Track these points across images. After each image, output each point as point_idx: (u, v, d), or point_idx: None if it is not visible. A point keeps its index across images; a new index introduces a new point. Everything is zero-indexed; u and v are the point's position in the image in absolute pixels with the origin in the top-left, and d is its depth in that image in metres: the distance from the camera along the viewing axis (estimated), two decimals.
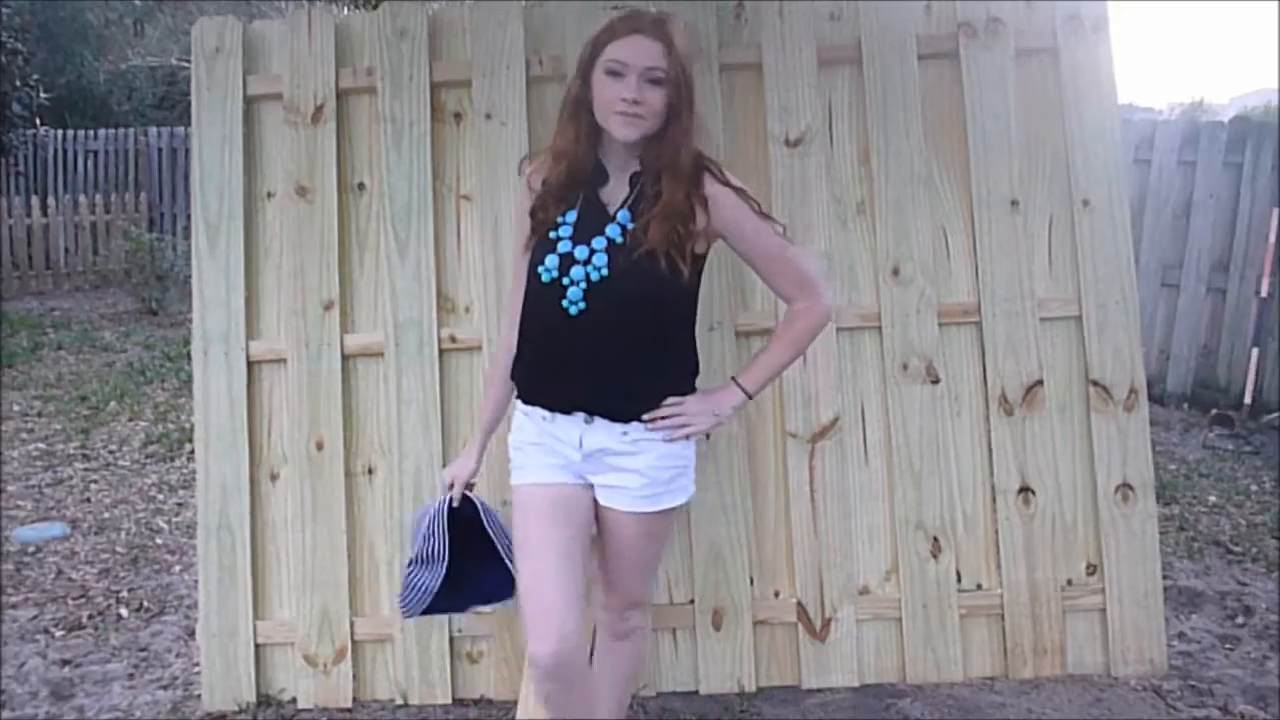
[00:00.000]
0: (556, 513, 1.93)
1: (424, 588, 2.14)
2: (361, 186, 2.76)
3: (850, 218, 2.72)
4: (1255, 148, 5.53)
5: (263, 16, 9.56)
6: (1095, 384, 2.67)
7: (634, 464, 1.91)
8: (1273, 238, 5.31)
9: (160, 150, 11.40)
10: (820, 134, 2.70)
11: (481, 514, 2.16)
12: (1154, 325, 5.70)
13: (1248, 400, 5.32)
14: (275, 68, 2.77)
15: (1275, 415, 5.27)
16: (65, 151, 11.48)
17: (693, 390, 1.98)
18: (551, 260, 1.85)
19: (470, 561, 2.14)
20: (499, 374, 2.10)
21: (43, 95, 10.11)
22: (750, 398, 2.00)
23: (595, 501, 1.97)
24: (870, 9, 2.70)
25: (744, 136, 2.72)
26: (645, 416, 1.90)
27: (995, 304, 2.67)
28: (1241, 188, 5.56)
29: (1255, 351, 5.35)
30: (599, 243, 1.84)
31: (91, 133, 11.57)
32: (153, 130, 11.62)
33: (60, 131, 11.53)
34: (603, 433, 1.90)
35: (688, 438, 1.95)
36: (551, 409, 1.93)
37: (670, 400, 1.91)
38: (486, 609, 2.39)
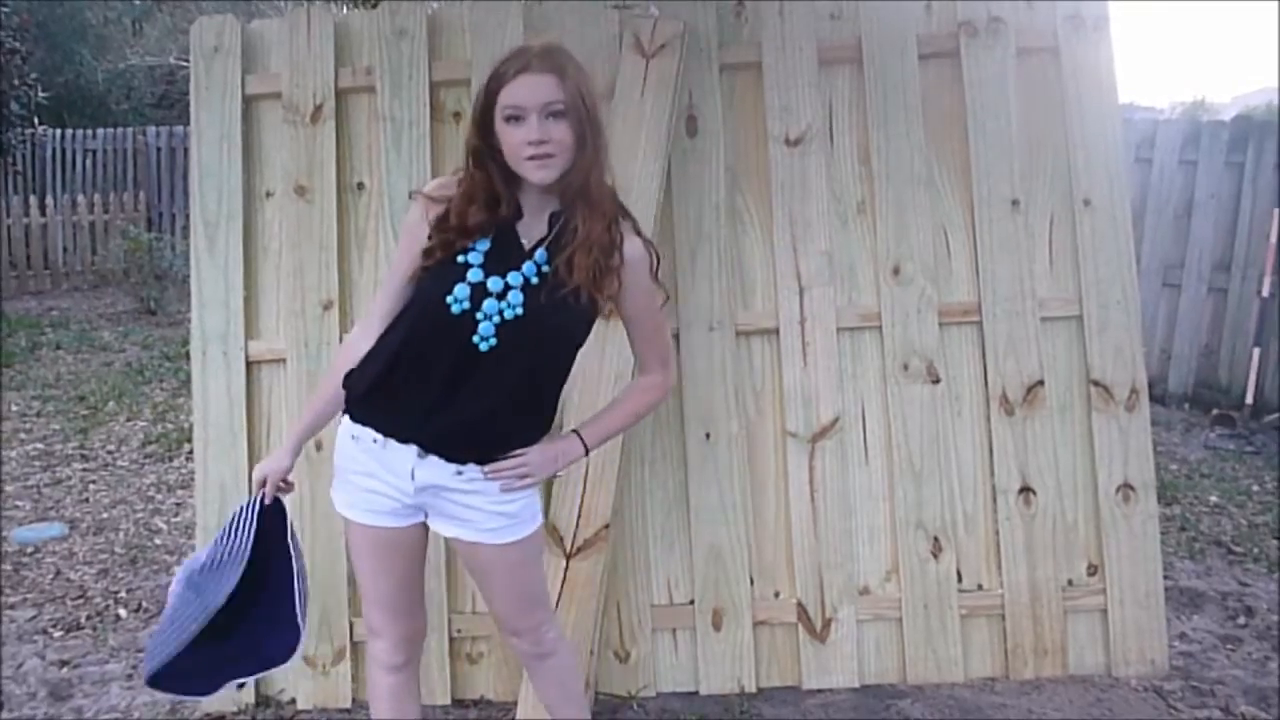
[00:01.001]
0: (382, 557, 1.88)
1: (180, 626, 1.88)
2: (361, 186, 2.76)
3: (851, 217, 2.71)
4: (1257, 147, 5.52)
5: (261, 15, 9.55)
6: (1096, 384, 2.67)
7: (473, 501, 1.82)
8: (1274, 237, 5.30)
9: (159, 150, 11.39)
10: (820, 133, 2.70)
11: (289, 526, 1.96)
12: (1155, 325, 5.69)
13: (1249, 400, 5.32)
14: (274, 67, 2.76)
15: (1277, 415, 5.26)
16: (63, 151, 11.47)
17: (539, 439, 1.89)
18: (462, 290, 1.73)
19: (255, 598, 1.91)
20: (334, 380, 1.91)
21: (41, 94, 10.08)
22: (587, 454, 1.94)
23: (428, 530, 1.91)
24: (871, 8, 2.70)
25: (744, 136, 2.72)
26: (488, 467, 1.81)
27: (996, 303, 2.67)
28: (1243, 187, 5.54)
29: (1257, 351, 5.34)
30: (515, 278, 1.74)
31: (90, 132, 11.56)
32: (151, 129, 11.61)
33: (58, 131, 11.52)
34: (436, 469, 1.80)
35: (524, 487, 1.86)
36: (387, 435, 1.81)
37: (516, 450, 1.83)
38: (247, 680, 2.29)
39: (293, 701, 2.70)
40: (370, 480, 1.84)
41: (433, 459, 1.80)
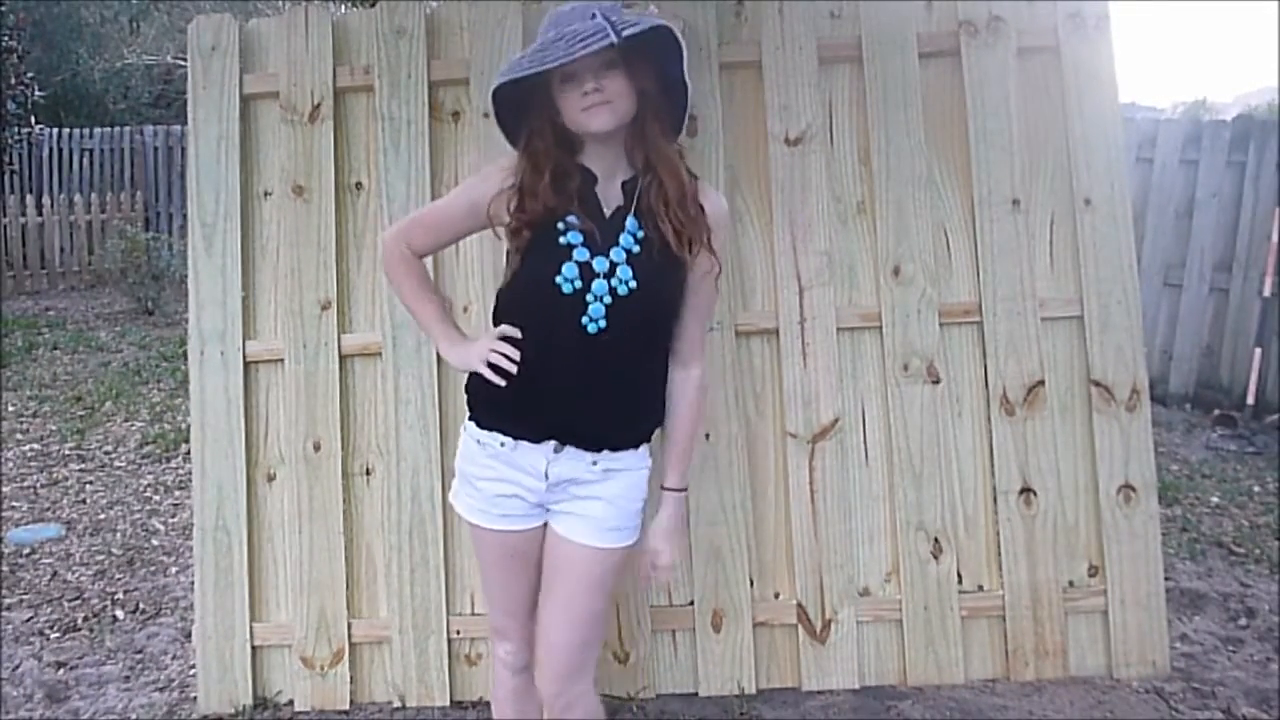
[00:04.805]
0: (514, 560, 1.86)
1: None
2: (359, 186, 2.75)
3: (851, 217, 2.70)
4: (1258, 146, 5.51)
5: (259, 14, 9.55)
6: (1097, 384, 2.66)
7: (602, 491, 1.80)
8: (1276, 237, 5.29)
9: (156, 149, 11.40)
10: (820, 133, 2.69)
11: None
12: (1156, 325, 5.69)
13: (1250, 400, 5.32)
14: (272, 66, 2.75)
15: (1278, 416, 5.26)
16: (60, 150, 11.47)
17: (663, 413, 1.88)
18: (570, 270, 1.69)
19: None
20: (419, 266, 1.93)
21: (38, 93, 10.09)
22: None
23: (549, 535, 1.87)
24: (871, 7, 2.69)
25: (744, 135, 2.71)
26: (643, 576, 1.87)
27: (996, 303, 2.66)
28: (1244, 187, 5.54)
29: (1258, 351, 5.34)
30: (618, 254, 1.71)
31: (87, 131, 11.56)
32: (148, 129, 11.61)
33: (55, 130, 11.52)
34: (571, 462, 1.78)
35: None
36: (518, 437, 1.78)
37: (661, 558, 1.86)
38: None
39: (290, 703, 2.69)
40: (499, 485, 1.81)
41: (569, 451, 1.77)
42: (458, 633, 2.67)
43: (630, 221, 1.74)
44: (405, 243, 1.91)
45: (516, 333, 1.77)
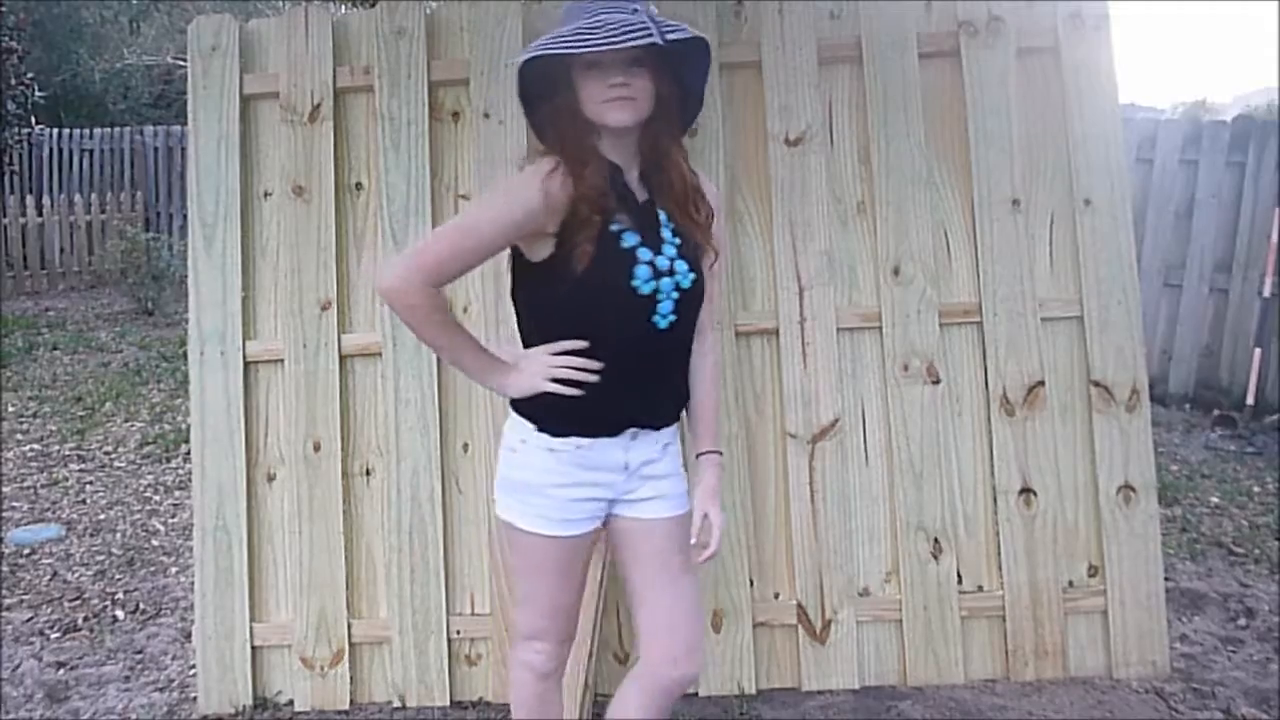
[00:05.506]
0: (570, 564, 1.86)
1: None
2: (359, 186, 2.75)
3: (850, 217, 2.70)
4: (1258, 147, 5.51)
5: (259, 15, 9.55)
6: (1097, 384, 2.66)
7: (666, 467, 1.86)
8: (1275, 237, 5.29)
9: (156, 149, 11.40)
10: (820, 133, 2.69)
11: None
12: (1156, 325, 5.68)
13: (1250, 401, 5.31)
14: (272, 66, 2.75)
15: (1278, 416, 5.26)
16: (60, 150, 11.47)
17: None
18: (644, 271, 1.70)
19: None
20: (444, 301, 1.80)
21: (38, 94, 10.08)
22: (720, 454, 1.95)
23: (615, 531, 1.88)
24: (871, 7, 2.69)
25: (744, 135, 2.71)
26: (703, 557, 1.86)
27: (996, 304, 2.66)
28: (1244, 187, 5.54)
29: (1258, 352, 5.34)
30: (669, 250, 1.74)
31: (87, 132, 11.56)
32: (148, 129, 11.61)
33: (55, 130, 11.52)
34: (646, 445, 1.82)
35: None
36: (595, 435, 1.78)
37: (715, 517, 1.87)
38: None
39: (290, 703, 2.69)
40: (576, 489, 1.80)
41: (645, 435, 1.81)
42: (458, 633, 2.67)
43: (661, 215, 1.78)
44: (431, 280, 1.70)
45: (577, 344, 1.72)
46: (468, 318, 2.67)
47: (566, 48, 1.62)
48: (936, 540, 2.66)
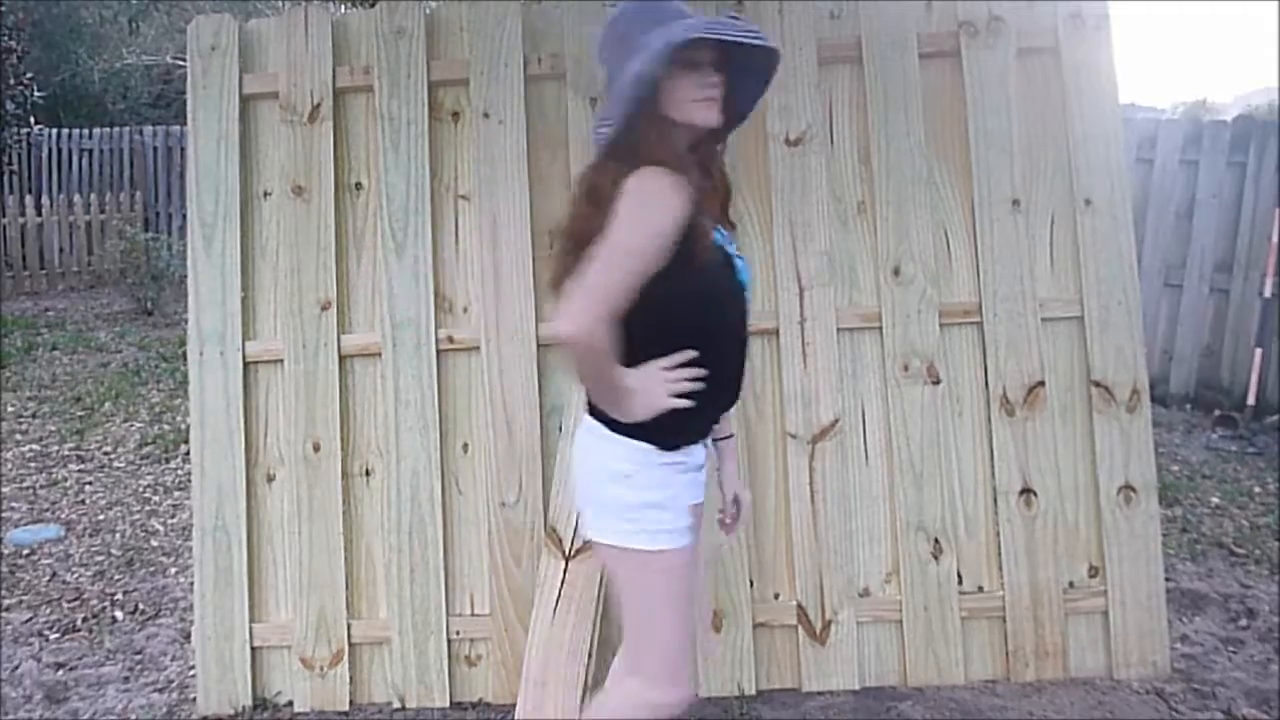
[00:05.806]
0: (694, 570, 1.82)
1: None
2: (359, 186, 2.75)
3: (851, 217, 2.70)
4: (1259, 147, 5.51)
5: (259, 14, 9.55)
6: (1097, 385, 2.66)
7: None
8: (1276, 237, 5.28)
9: (155, 149, 11.39)
10: (820, 133, 2.68)
11: None
12: (1156, 326, 5.68)
13: (1251, 401, 5.31)
14: (272, 66, 2.75)
15: (1278, 416, 5.26)
16: (60, 150, 11.47)
17: None
18: (741, 264, 1.77)
19: None
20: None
21: (37, 94, 10.09)
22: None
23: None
24: (871, 8, 2.69)
25: (744, 135, 2.69)
26: (735, 529, 1.97)
27: (997, 304, 2.66)
28: (1245, 187, 5.53)
29: (1258, 352, 5.33)
30: (734, 247, 1.79)
31: (86, 131, 11.56)
32: (148, 129, 11.61)
33: (55, 130, 11.52)
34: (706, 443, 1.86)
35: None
36: (699, 440, 1.80)
37: (745, 496, 1.97)
38: None
39: (290, 704, 2.69)
40: (687, 494, 1.76)
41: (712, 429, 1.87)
42: (457, 633, 2.67)
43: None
44: (612, 316, 1.57)
45: (685, 355, 1.67)
46: (468, 318, 2.67)
47: (738, 35, 1.65)
48: (937, 540, 2.66)
